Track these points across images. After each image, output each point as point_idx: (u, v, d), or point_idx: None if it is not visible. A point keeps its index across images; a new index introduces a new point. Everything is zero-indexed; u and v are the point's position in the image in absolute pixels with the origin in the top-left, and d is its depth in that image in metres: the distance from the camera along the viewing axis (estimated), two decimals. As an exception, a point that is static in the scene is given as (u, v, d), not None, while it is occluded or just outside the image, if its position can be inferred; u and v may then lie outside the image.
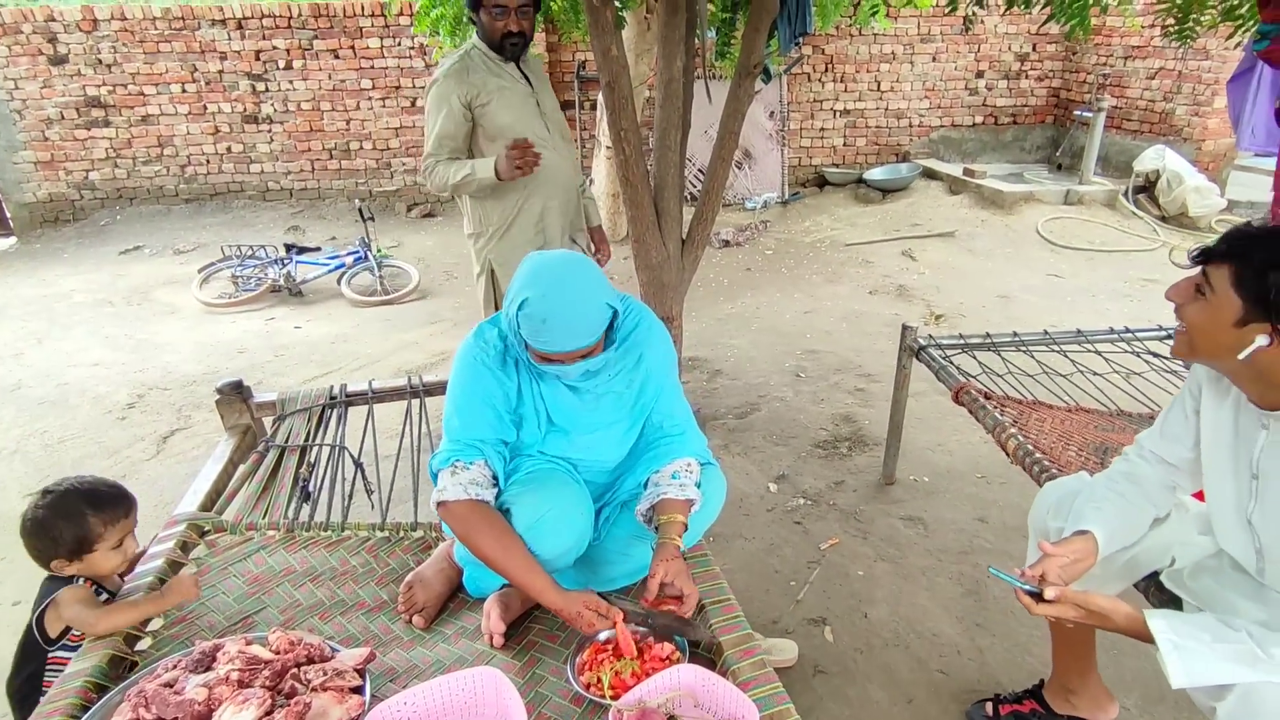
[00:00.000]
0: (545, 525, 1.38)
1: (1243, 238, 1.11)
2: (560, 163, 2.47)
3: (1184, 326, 1.19)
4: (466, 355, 1.46)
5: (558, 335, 1.32)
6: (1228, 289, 1.10)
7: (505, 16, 2.21)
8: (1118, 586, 1.47)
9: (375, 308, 4.72)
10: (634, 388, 1.52)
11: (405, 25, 6.27)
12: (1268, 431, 1.17)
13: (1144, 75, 6.96)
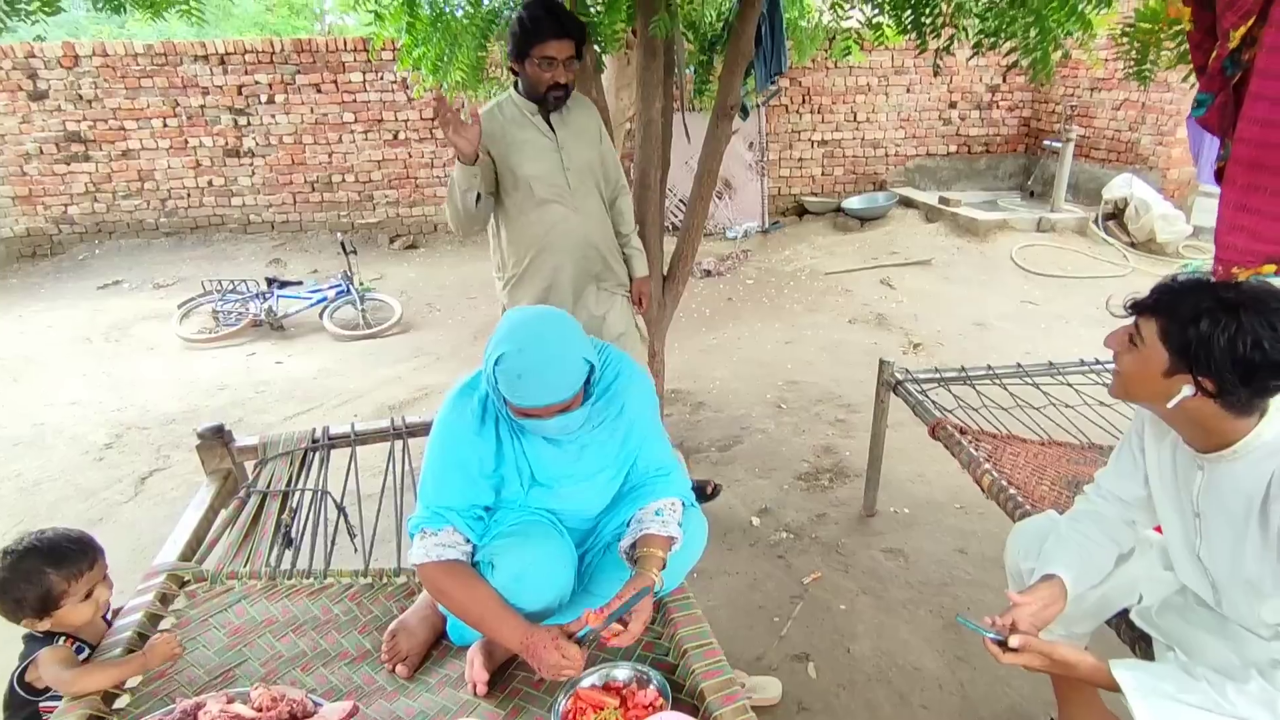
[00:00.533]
0: (528, 580, 1.39)
1: (1169, 292, 1.17)
2: (578, 221, 2.34)
3: (1117, 371, 1.25)
4: (445, 418, 1.48)
5: (534, 390, 1.33)
6: (1156, 341, 1.16)
7: (553, 68, 2.13)
8: (1090, 625, 1.50)
9: (358, 341, 4.71)
10: (617, 437, 1.53)
11: (388, 60, 6.35)
12: (1203, 472, 1.22)
13: (1110, 106, 7.18)
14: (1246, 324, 1.07)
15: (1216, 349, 1.10)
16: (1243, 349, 1.08)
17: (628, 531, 1.49)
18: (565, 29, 2.08)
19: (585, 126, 2.35)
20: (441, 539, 1.42)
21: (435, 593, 1.43)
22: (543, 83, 2.15)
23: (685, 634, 1.49)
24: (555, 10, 2.11)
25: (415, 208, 7.09)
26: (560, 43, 2.09)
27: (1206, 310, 1.11)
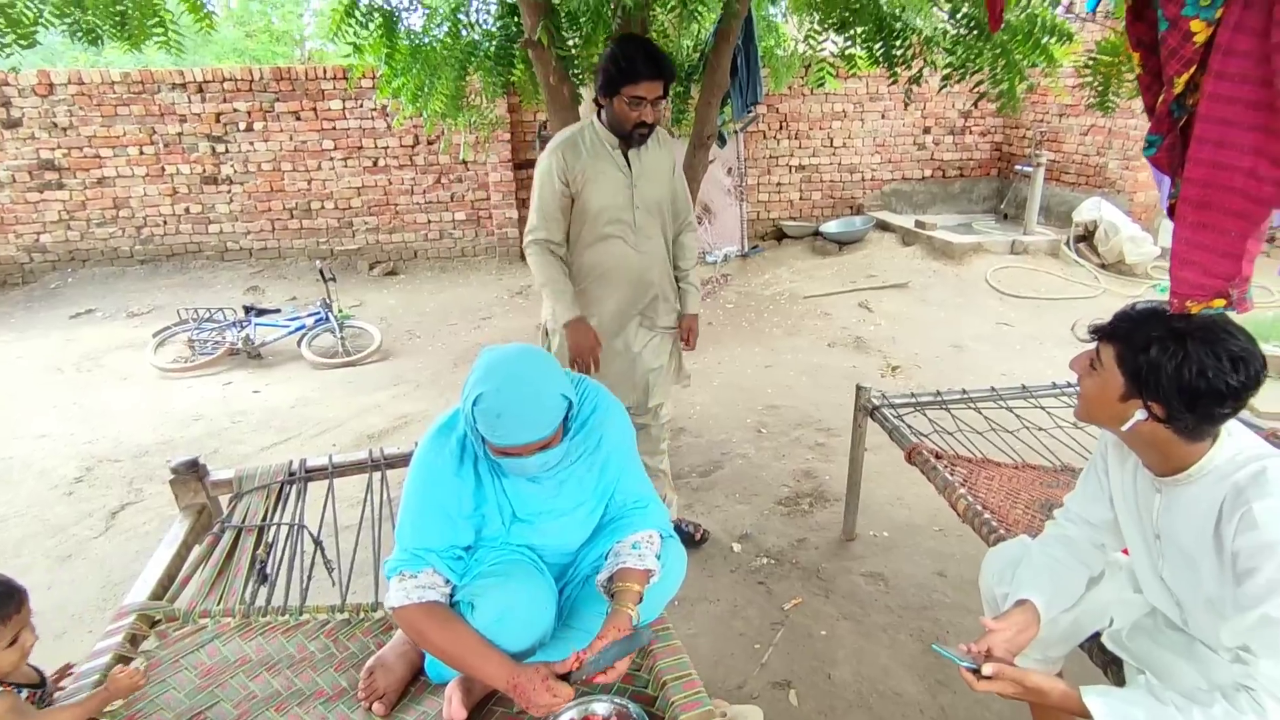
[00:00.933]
0: (510, 621, 1.38)
1: (1127, 319, 1.22)
2: (635, 259, 2.35)
3: (1082, 395, 1.30)
4: (423, 458, 1.47)
5: (514, 429, 1.33)
6: (1113, 366, 1.21)
7: (640, 107, 2.11)
8: (1064, 649, 1.52)
9: (337, 370, 4.68)
10: (594, 470, 1.54)
11: (368, 88, 6.38)
12: (1161, 495, 1.26)
13: (1078, 132, 7.38)
14: (1193, 352, 1.11)
15: (1164, 375, 1.14)
16: (1188, 376, 1.12)
17: (605, 565, 1.50)
18: (658, 70, 2.08)
19: (660, 164, 2.35)
20: (421, 580, 1.40)
21: (415, 635, 1.41)
22: (629, 120, 2.14)
23: (664, 665, 1.49)
24: (649, 50, 2.10)
25: (395, 234, 7.09)
26: (651, 83, 2.08)
27: (1157, 338, 1.15)
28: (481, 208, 7.13)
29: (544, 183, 2.26)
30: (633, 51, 2.07)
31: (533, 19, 2.54)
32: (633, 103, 2.10)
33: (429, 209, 7.07)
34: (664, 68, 2.10)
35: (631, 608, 1.40)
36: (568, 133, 2.29)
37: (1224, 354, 1.12)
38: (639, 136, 2.19)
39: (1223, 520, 1.16)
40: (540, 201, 2.28)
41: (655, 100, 2.12)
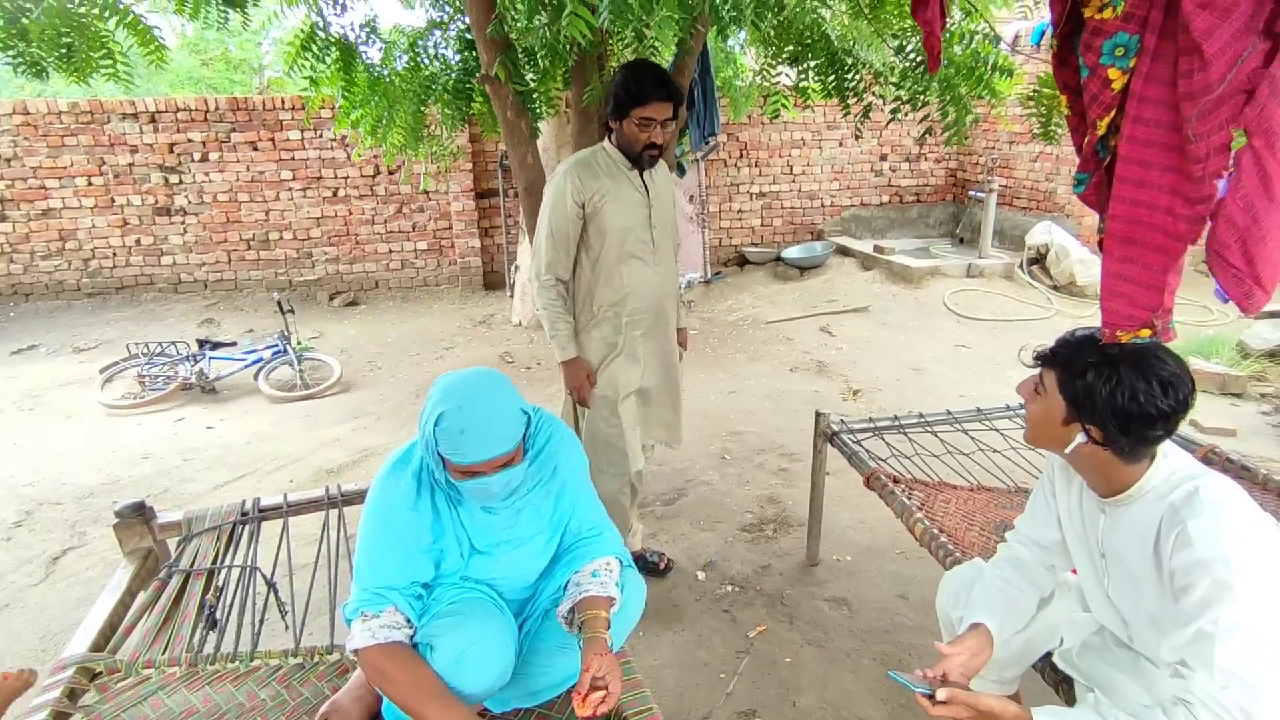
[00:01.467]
0: (469, 662, 1.36)
1: (1066, 345, 1.27)
2: (654, 279, 2.38)
3: (1028, 418, 1.34)
4: (379, 495, 1.46)
5: (477, 445, 1.33)
6: (1055, 391, 1.25)
7: (650, 129, 2.15)
8: (1018, 670, 1.54)
9: (295, 403, 4.58)
10: (550, 498, 1.54)
11: (327, 118, 6.35)
12: (1105, 515, 1.30)
13: (1027, 158, 7.66)
14: (1125, 377, 1.16)
15: (1100, 400, 1.18)
16: (1121, 400, 1.16)
17: (565, 595, 1.49)
18: (667, 91, 2.12)
19: (666, 185, 2.41)
20: (384, 620, 1.37)
21: (378, 678, 1.37)
22: (639, 142, 2.18)
23: (625, 700, 1.48)
24: (657, 74, 2.14)
25: (356, 264, 7.02)
26: (661, 105, 2.12)
27: (1093, 364, 1.20)
28: (444, 237, 7.11)
29: (556, 204, 2.24)
30: (642, 74, 2.12)
31: (490, 55, 2.57)
32: (642, 124, 2.14)
33: (390, 239, 7.02)
34: (673, 90, 2.14)
35: (604, 633, 1.40)
36: (580, 155, 2.31)
37: (1154, 379, 1.16)
38: (649, 158, 2.23)
39: (1161, 539, 1.20)
40: (552, 226, 2.25)
41: (664, 122, 2.16)
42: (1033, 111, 3.38)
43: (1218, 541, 1.12)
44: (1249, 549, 1.11)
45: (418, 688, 1.33)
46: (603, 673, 1.33)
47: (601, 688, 1.33)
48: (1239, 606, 1.08)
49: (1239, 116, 0.90)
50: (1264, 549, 1.13)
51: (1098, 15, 1.02)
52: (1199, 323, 5.48)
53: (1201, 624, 1.10)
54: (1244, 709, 1.05)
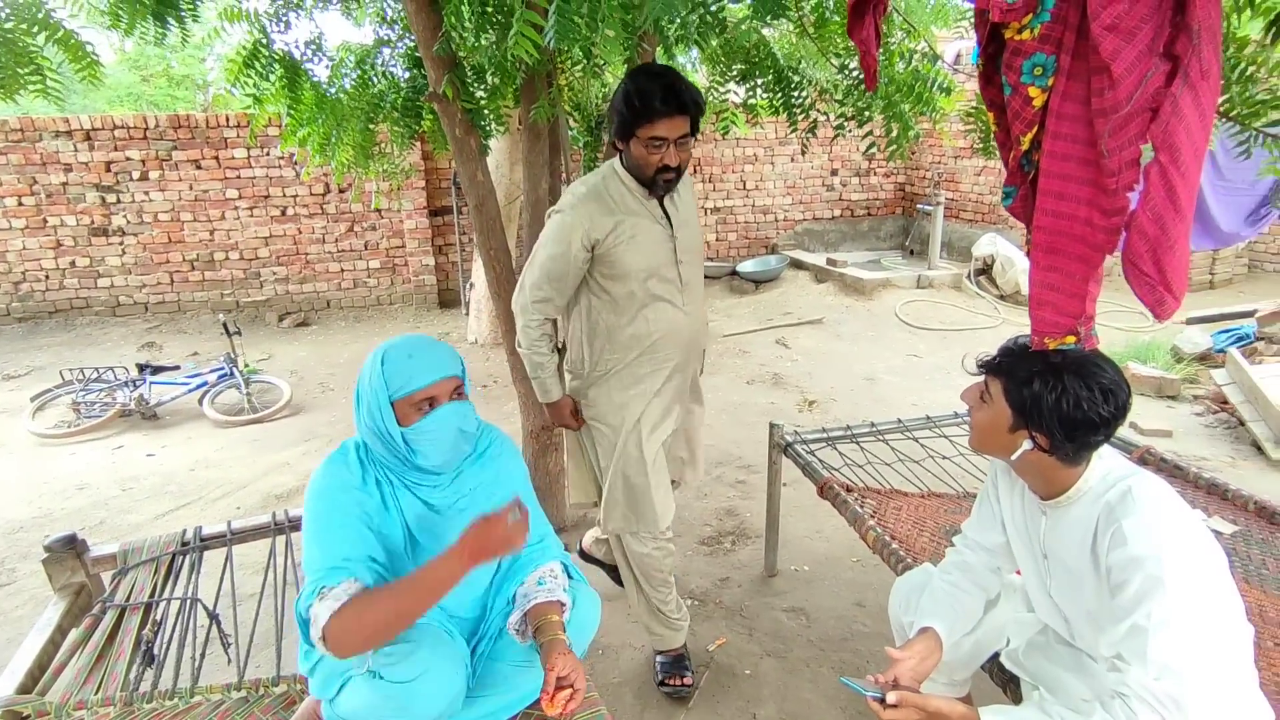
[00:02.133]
0: (418, 692, 1.32)
1: (1010, 354, 1.30)
2: (685, 323, 2.02)
3: (973, 425, 1.37)
4: (323, 480, 1.43)
5: (426, 364, 1.38)
6: (1001, 399, 1.28)
7: (662, 149, 1.78)
8: (967, 672, 1.58)
9: (242, 427, 4.45)
10: (494, 501, 1.52)
11: (274, 135, 6.22)
12: (1046, 517, 1.34)
13: (972, 172, 7.92)
14: (1069, 385, 1.20)
15: (1046, 408, 1.22)
16: (1067, 408, 1.20)
17: (515, 607, 1.49)
18: (679, 104, 1.74)
19: (690, 208, 2.03)
20: (341, 590, 1.30)
21: (356, 632, 1.26)
22: (650, 166, 1.82)
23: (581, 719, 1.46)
24: (668, 82, 1.74)
25: (306, 284, 6.88)
26: (672, 121, 1.75)
27: (1038, 373, 1.24)
28: (397, 255, 7.02)
29: (558, 246, 1.89)
30: (647, 85, 1.74)
31: (437, 73, 2.55)
32: (652, 145, 1.78)
33: (341, 257, 6.90)
34: (686, 100, 1.75)
35: (562, 635, 1.40)
36: (588, 186, 1.93)
37: (1096, 386, 1.20)
38: (664, 183, 1.86)
39: (1098, 538, 1.24)
40: (550, 265, 1.91)
41: (680, 140, 1.79)
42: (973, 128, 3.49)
43: (1150, 539, 1.16)
44: (1179, 545, 1.16)
45: (395, 597, 1.28)
46: (567, 671, 1.33)
47: (568, 686, 1.32)
48: (1170, 601, 1.12)
49: (1146, 132, 0.96)
50: (1192, 545, 1.18)
51: (1017, 36, 1.07)
52: (1136, 329, 5.72)
53: (1135, 619, 1.14)
54: (1175, 698, 1.09)
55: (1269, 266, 6.92)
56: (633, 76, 1.80)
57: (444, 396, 1.40)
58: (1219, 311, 5.56)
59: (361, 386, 1.42)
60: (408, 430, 1.39)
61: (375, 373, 1.39)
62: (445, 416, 1.40)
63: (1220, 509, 2.16)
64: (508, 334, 2.87)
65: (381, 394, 1.38)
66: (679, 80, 1.76)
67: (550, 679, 1.32)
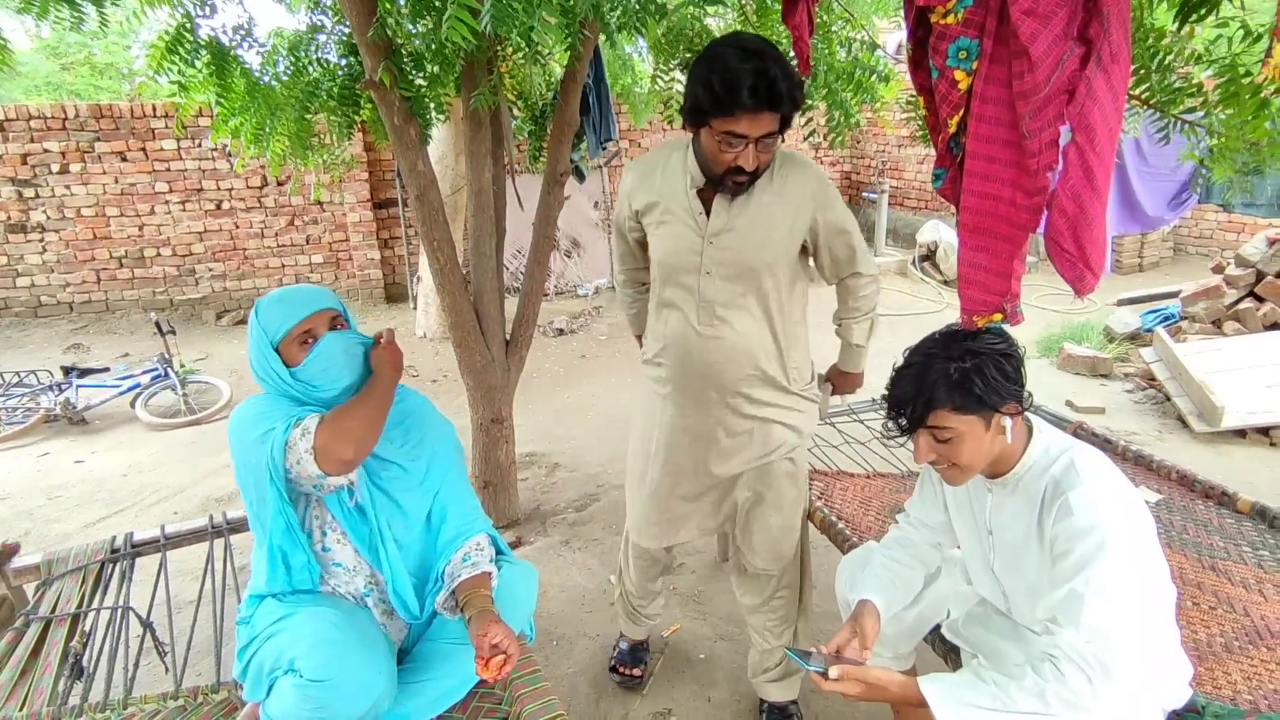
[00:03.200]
0: (338, 689, 1.29)
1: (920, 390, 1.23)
2: (697, 344, 1.66)
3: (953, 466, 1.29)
4: (246, 405, 1.48)
5: (298, 300, 1.45)
6: (959, 419, 1.22)
7: (739, 147, 1.43)
8: (910, 644, 1.62)
9: (179, 430, 4.28)
10: (420, 463, 1.56)
11: (205, 126, 5.98)
12: (992, 495, 1.37)
13: (915, 161, 8.10)
14: (979, 349, 1.22)
15: (996, 380, 1.22)
16: (1004, 363, 1.21)
17: (443, 586, 1.49)
18: (770, 97, 1.36)
19: (761, 215, 1.58)
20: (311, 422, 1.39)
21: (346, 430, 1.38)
22: (720, 164, 1.49)
23: (531, 710, 1.46)
24: (760, 66, 1.35)
25: (245, 280, 6.65)
26: (758, 117, 1.39)
27: (957, 370, 1.21)
28: (340, 249, 6.84)
29: (619, 202, 1.78)
30: (738, 67, 1.35)
31: (373, 59, 2.48)
32: (727, 140, 1.43)
33: (282, 252, 6.69)
34: (779, 94, 1.37)
35: (491, 605, 1.42)
36: (653, 154, 1.71)
37: (985, 337, 1.23)
38: (734, 185, 1.52)
39: (1044, 510, 1.27)
40: (616, 222, 1.84)
41: (765, 138, 1.43)
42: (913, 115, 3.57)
43: (1095, 510, 1.19)
44: (1119, 515, 1.20)
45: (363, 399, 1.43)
46: (498, 638, 1.34)
47: (501, 651, 1.33)
48: (1108, 568, 1.16)
49: (1064, 114, 0.99)
50: (1130, 513, 1.23)
51: (942, 21, 1.10)
52: (1070, 311, 5.94)
53: (1074, 584, 1.18)
54: (1102, 661, 1.14)
55: (1192, 250, 7.27)
56: (718, 51, 1.40)
57: (322, 327, 1.46)
58: (1147, 293, 5.82)
59: (250, 349, 1.47)
60: (297, 369, 1.44)
61: (254, 326, 1.46)
62: (328, 343, 1.45)
63: (1146, 479, 2.26)
64: (454, 327, 2.83)
65: (264, 343, 1.43)
66: (778, 65, 1.36)
67: (483, 644, 1.33)
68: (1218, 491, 2.12)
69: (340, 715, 1.30)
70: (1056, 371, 4.75)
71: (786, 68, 1.38)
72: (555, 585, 2.67)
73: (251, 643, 1.41)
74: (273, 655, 1.36)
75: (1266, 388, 3.79)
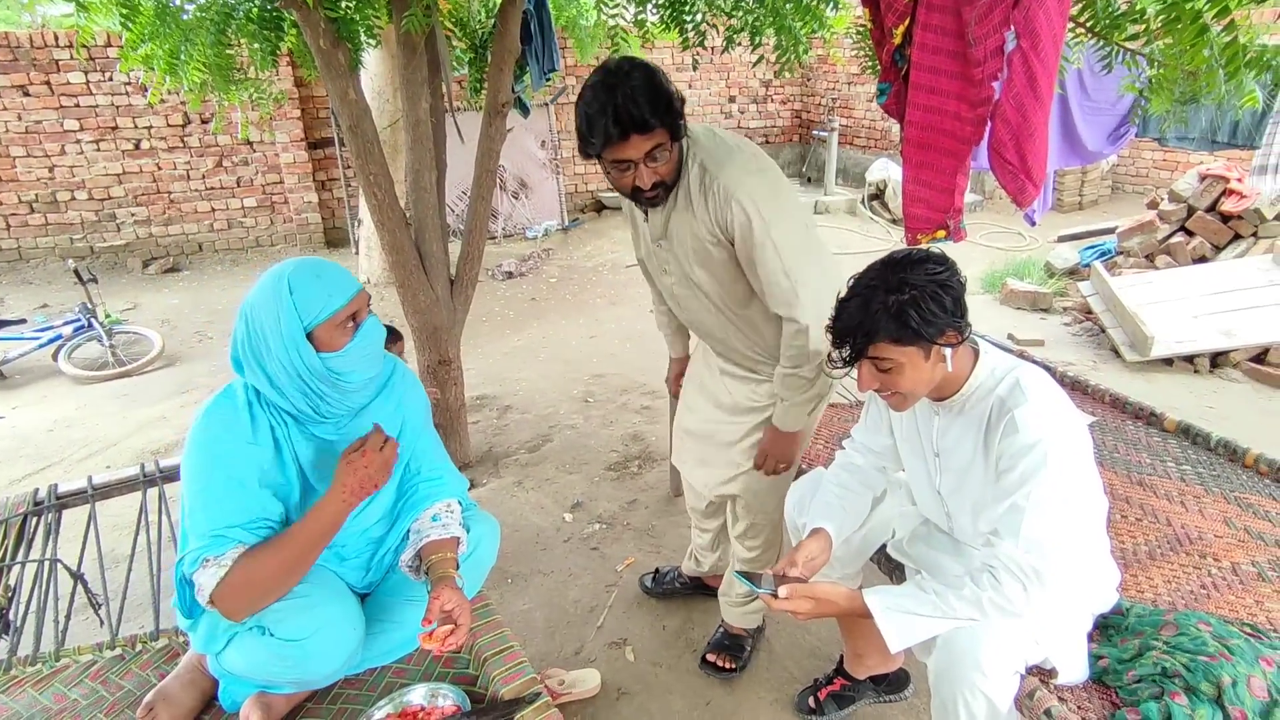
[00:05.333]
0: (313, 648, 1.26)
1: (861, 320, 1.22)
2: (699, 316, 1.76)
3: (895, 394, 1.30)
4: (207, 433, 1.29)
5: (339, 279, 1.31)
6: (898, 350, 1.22)
7: (631, 170, 1.47)
8: (858, 564, 1.66)
9: (107, 383, 4.09)
10: (394, 432, 1.46)
11: (115, 58, 5.55)
12: (939, 417, 1.39)
13: (864, 99, 8.04)
14: (916, 280, 1.20)
15: (931, 313, 1.21)
16: (942, 296, 1.21)
17: (407, 544, 1.43)
18: (630, 124, 1.39)
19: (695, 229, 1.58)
20: (228, 558, 1.23)
21: (246, 595, 1.23)
22: (623, 186, 1.52)
23: (484, 642, 1.46)
24: (618, 100, 1.38)
25: (172, 226, 6.29)
26: (628, 142, 1.42)
27: (895, 303, 1.19)
28: (275, 192, 6.51)
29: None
30: (593, 103, 1.41)
31: (293, -26, 2.30)
32: (617, 168, 1.49)
33: (211, 196, 6.34)
34: (634, 119, 1.39)
35: (453, 572, 1.35)
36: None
37: (922, 262, 1.21)
38: (648, 200, 1.54)
39: (990, 429, 1.28)
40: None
41: (651, 153, 1.44)
42: (862, 47, 3.51)
43: (1039, 426, 1.21)
44: (1061, 431, 1.23)
45: (281, 549, 1.25)
46: (452, 605, 1.28)
47: (450, 621, 1.28)
48: (1048, 482, 1.19)
49: (1009, 19, 0.96)
50: (1072, 430, 1.25)
51: (891, -78, 1.05)
52: (1013, 248, 6.07)
53: (1016, 498, 1.21)
54: (1037, 570, 1.18)
55: (1130, 188, 7.46)
56: (586, 87, 1.46)
57: (364, 310, 1.35)
58: (1085, 229, 5.97)
59: (259, 328, 1.27)
60: (332, 356, 1.30)
61: (284, 305, 1.25)
62: (371, 330, 1.35)
63: (1082, 403, 2.34)
64: (395, 266, 2.72)
65: (294, 326, 1.25)
66: (634, 91, 1.39)
67: (434, 607, 1.27)
68: (1146, 412, 2.21)
69: (315, 671, 1.28)
70: (999, 306, 4.87)
71: (646, 90, 1.39)
72: (509, 525, 2.67)
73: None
74: None
75: (1193, 318, 3.95)
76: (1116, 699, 1.25)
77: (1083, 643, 1.33)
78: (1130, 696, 1.22)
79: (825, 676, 1.89)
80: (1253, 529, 1.68)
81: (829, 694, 1.85)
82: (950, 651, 1.22)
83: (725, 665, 1.99)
